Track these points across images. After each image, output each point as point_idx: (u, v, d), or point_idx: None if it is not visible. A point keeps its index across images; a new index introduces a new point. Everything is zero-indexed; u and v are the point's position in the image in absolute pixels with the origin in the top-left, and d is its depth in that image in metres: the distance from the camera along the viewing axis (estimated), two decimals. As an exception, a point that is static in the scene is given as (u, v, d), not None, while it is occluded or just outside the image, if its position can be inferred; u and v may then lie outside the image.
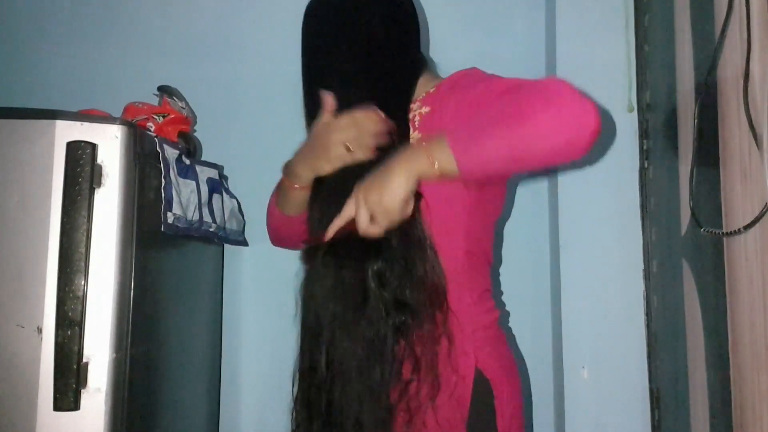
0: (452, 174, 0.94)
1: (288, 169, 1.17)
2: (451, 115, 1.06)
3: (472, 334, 1.08)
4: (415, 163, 0.95)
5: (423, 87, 1.15)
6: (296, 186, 1.15)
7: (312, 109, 1.12)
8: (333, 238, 1.02)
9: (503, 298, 1.67)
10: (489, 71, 1.16)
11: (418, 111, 1.11)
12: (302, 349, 1.11)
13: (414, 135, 1.09)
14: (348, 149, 1.05)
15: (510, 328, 1.68)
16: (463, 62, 1.28)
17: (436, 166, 0.93)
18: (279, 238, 1.34)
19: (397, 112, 1.10)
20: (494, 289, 1.18)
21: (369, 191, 0.96)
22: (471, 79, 1.10)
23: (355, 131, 1.05)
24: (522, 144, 0.93)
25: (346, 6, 1.13)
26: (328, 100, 1.08)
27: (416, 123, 1.10)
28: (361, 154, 1.05)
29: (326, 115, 1.08)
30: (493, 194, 1.15)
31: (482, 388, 1.06)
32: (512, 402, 1.10)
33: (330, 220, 1.03)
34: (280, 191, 1.23)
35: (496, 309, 1.15)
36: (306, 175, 1.13)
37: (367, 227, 0.98)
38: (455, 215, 1.08)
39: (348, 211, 0.99)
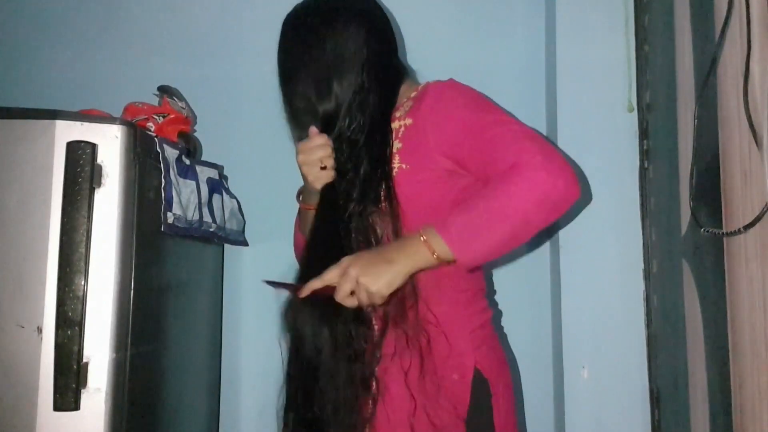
0: (452, 262, 1.00)
1: (299, 191, 1.23)
2: (433, 133, 1.08)
3: (470, 334, 1.11)
4: (418, 256, 0.99)
5: (404, 95, 1.17)
6: (306, 207, 1.20)
7: (297, 126, 1.17)
8: (309, 296, 1.03)
9: (503, 297, 1.67)
10: (489, 71, 1.16)
11: (402, 123, 1.12)
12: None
13: (396, 144, 1.11)
14: (323, 168, 1.11)
15: (502, 327, 1.69)
16: (463, 62, 1.29)
17: (436, 256, 0.99)
18: None
19: (380, 122, 1.12)
20: (487, 289, 1.20)
21: (362, 273, 0.99)
22: (452, 95, 1.11)
23: (323, 152, 1.11)
24: (514, 230, 1.00)
25: (323, 21, 1.15)
26: (313, 131, 1.11)
27: (400, 133, 1.12)
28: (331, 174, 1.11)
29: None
30: None
31: (480, 387, 1.09)
32: (507, 399, 1.14)
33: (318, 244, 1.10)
34: (299, 216, 1.28)
35: (489, 308, 1.19)
36: (308, 195, 1.18)
37: (345, 299, 1.01)
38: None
39: (329, 277, 1.01)
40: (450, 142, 1.07)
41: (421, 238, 0.99)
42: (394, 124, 1.13)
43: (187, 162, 1.48)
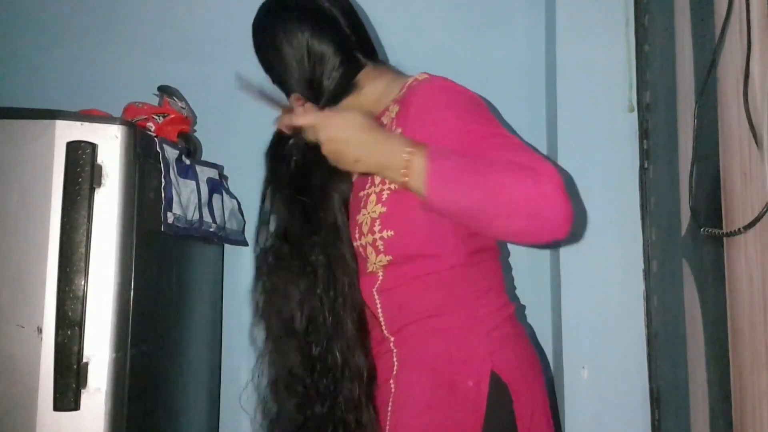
0: (416, 194, 0.94)
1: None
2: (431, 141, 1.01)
3: (487, 335, 1.03)
4: (388, 171, 0.96)
5: (384, 94, 1.13)
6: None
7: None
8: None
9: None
10: (489, 71, 1.15)
11: (392, 132, 1.05)
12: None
13: None
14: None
15: (529, 324, 1.66)
16: (462, 62, 1.29)
17: (407, 180, 0.94)
18: None
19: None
20: (507, 283, 1.14)
21: (328, 143, 0.99)
22: (440, 102, 1.03)
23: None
24: (490, 213, 0.93)
25: (268, 25, 1.25)
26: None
27: None
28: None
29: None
30: None
31: (499, 393, 1.01)
32: (533, 402, 1.05)
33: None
34: None
35: (510, 303, 1.11)
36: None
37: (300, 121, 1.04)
38: (445, 225, 1.04)
39: (303, 120, 1.04)
40: None
41: (404, 157, 0.93)
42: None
43: (187, 162, 1.48)
